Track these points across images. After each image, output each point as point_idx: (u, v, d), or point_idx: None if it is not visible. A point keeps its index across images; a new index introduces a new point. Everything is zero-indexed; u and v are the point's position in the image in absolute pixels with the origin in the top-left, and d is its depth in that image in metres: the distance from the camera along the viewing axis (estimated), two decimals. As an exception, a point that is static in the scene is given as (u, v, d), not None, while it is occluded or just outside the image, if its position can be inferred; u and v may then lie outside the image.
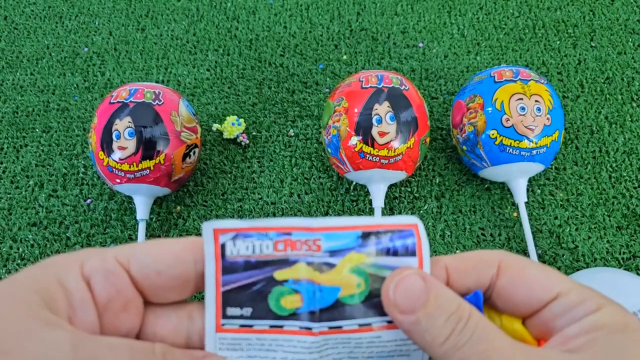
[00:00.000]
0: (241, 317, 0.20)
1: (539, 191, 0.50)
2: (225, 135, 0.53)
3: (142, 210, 0.46)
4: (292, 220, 0.20)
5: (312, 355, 0.20)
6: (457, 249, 0.47)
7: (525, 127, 0.44)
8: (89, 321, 0.18)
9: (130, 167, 0.43)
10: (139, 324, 0.20)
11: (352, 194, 0.51)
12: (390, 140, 0.44)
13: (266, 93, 0.57)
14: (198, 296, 0.42)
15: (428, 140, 0.47)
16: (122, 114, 0.44)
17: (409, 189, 0.50)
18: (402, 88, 0.45)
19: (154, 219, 0.49)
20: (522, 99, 0.44)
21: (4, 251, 0.48)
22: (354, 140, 0.44)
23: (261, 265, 0.20)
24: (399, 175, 0.46)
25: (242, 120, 0.53)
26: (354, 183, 0.51)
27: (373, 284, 0.20)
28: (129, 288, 0.19)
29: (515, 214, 0.49)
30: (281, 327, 0.20)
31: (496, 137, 0.44)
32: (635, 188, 0.50)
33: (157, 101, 0.45)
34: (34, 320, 0.16)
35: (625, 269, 0.45)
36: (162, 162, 0.44)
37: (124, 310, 0.19)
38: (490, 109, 0.45)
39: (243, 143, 0.53)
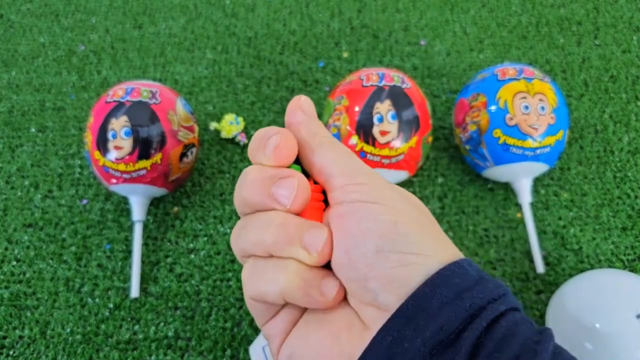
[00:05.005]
0: None
1: (542, 191, 0.49)
2: (223, 134, 0.52)
3: (138, 211, 0.45)
4: None
5: None
6: (460, 251, 0.47)
7: (529, 126, 0.43)
8: None
9: (126, 167, 0.43)
10: None
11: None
12: (392, 140, 0.43)
13: (265, 91, 0.57)
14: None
15: (430, 139, 0.46)
16: (118, 113, 0.43)
17: (411, 189, 0.50)
18: (403, 86, 0.44)
19: (150, 220, 0.48)
20: (525, 97, 0.43)
21: (-1, 253, 0.47)
22: (354, 139, 0.43)
23: None
24: (401, 175, 0.45)
25: (240, 118, 0.53)
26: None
27: None
28: None
29: (519, 215, 0.48)
30: None
31: (500, 137, 0.43)
32: (640, 188, 0.49)
33: (153, 100, 0.44)
34: None
35: (630, 271, 0.45)
36: (159, 162, 0.43)
37: None
38: (493, 107, 0.44)
39: (242, 143, 0.52)
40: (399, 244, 0.21)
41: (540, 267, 0.44)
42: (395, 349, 0.20)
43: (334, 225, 0.22)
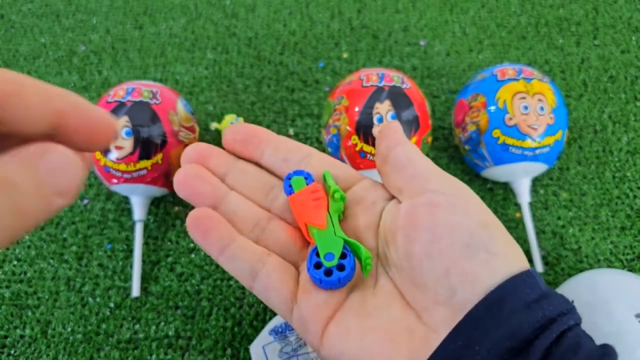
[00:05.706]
0: None
1: (542, 191, 0.49)
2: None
3: (139, 210, 0.45)
4: None
5: None
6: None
7: (529, 126, 0.43)
8: None
9: (127, 166, 0.43)
10: None
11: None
12: (392, 140, 0.43)
13: (265, 92, 0.57)
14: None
15: (430, 139, 0.46)
16: (119, 113, 0.43)
17: (410, 189, 0.50)
18: (403, 86, 0.45)
19: (151, 220, 0.49)
20: (525, 97, 0.43)
21: (0, 252, 0.47)
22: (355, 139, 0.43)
23: None
24: (400, 175, 0.45)
25: (241, 118, 0.53)
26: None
27: None
28: None
29: (518, 215, 0.48)
30: None
31: (499, 137, 0.44)
32: (639, 188, 0.49)
33: (154, 100, 0.44)
34: None
35: (629, 270, 0.45)
36: (160, 161, 0.43)
37: None
38: (493, 107, 0.44)
39: (242, 142, 0.53)
40: (488, 244, 0.21)
41: (539, 267, 0.44)
42: (465, 351, 0.20)
43: (417, 211, 0.22)
